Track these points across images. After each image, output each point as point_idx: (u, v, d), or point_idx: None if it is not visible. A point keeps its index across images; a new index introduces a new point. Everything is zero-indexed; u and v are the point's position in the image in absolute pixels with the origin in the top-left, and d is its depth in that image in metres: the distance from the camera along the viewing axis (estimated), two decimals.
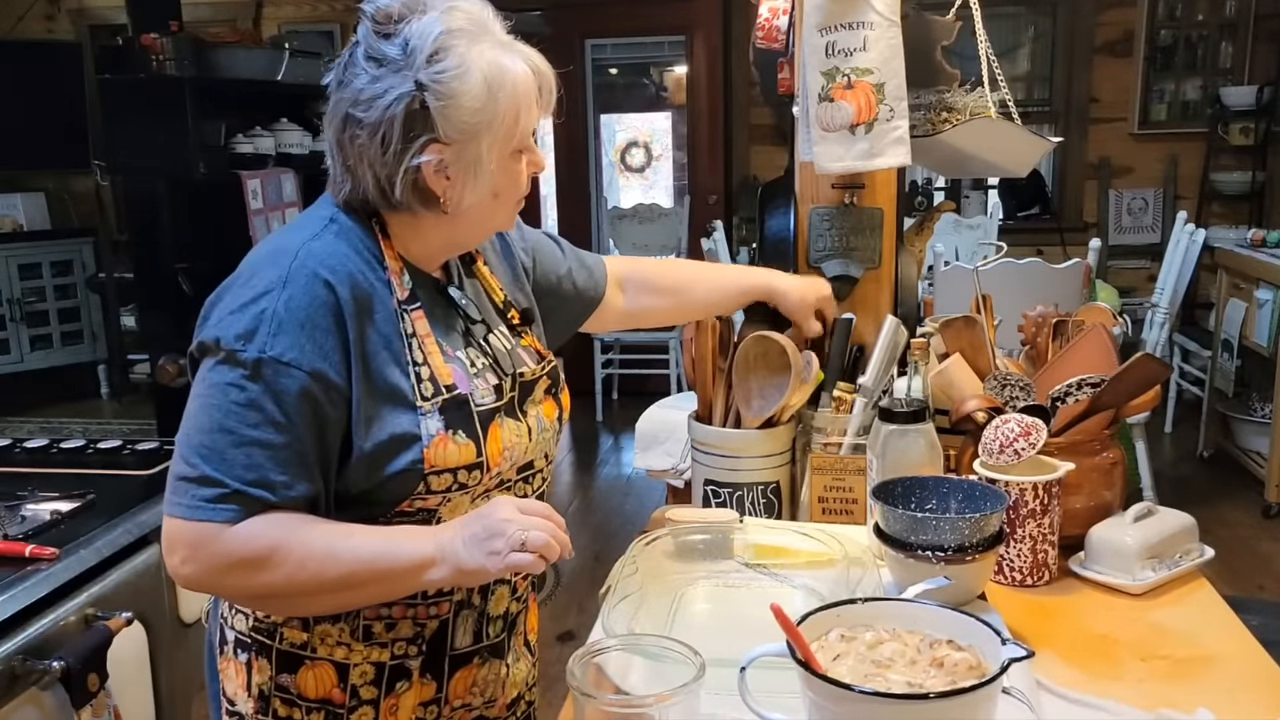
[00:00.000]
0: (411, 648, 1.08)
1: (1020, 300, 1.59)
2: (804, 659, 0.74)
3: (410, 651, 1.08)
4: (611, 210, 6.10)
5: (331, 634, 1.05)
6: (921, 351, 1.25)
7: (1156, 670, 1.00)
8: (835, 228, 1.51)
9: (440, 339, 1.07)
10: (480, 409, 1.05)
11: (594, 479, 4.73)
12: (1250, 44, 5.11)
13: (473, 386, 1.06)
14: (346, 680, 1.06)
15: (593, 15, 5.72)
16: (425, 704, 1.10)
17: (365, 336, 1.00)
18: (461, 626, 1.10)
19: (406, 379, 1.02)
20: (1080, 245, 4.42)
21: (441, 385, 1.03)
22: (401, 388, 1.01)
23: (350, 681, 1.06)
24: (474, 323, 1.13)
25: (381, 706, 1.07)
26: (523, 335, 1.19)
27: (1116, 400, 1.23)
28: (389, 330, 1.02)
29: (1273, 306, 3.75)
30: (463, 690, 1.13)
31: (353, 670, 1.06)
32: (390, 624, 1.06)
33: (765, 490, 1.35)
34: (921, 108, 1.47)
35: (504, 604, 1.15)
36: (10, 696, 1.26)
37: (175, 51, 3.09)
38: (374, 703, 1.07)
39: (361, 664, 1.06)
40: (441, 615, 1.08)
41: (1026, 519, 1.14)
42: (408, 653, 1.07)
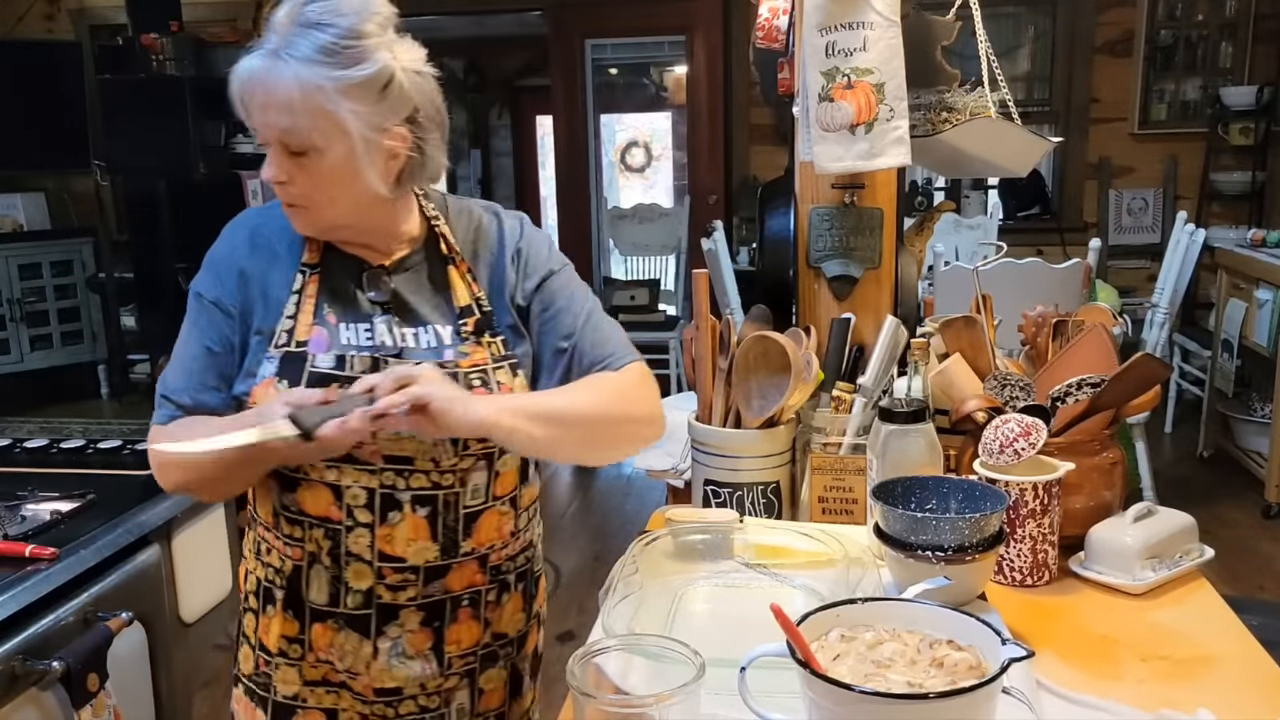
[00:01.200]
0: (277, 577, 1.21)
1: (1020, 300, 1.59)
2: (804, 659, 0.74)
3: (276, 580, 1.21)
4: (611, 210, 6.10)
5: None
6: (921, 351, 1.25)
7: (1156, 670, 1.00)
8: (835, 228, 1.51)
9: (327, 304, 1.18)
10: (315, 370, 1.15)
11: (594, 479, 4.73)
12: (1250, 44, 5.12)
13: (329, 350, 1.16)
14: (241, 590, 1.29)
15: (593, 15, 5.72)
16: (289, 639, 1.21)
17: (266, 280, 1.19)
18: (315, 581, 1.19)
19: (275, 324, 1.17)
20: (1080, 245, 4.42)
21: (295, 339, 1.16)
22: (268, 329, 1.17)
23: (246, 589, 1.27)
24: (379, 306, 1.20)
25: (259, 620, 1.24)
26: (467, 340, 1.19)
27: (1116, 400, 1.23)
28: (284, 281, 1.19)
29: (1273, 306, 3.75)
30: (323, 645, 1.20)
31: (244, 579, 1.27)
32: (267, 546, 1.22)
33: (765, 490, 1.35)
34: (921, 108, 1.47)
35: (365, 580, 1.18)
36: (10, 696, 1.27)
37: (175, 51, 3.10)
38: (255, 612, 1.25)
39: (249, 576, 1.26)
40: (295, 559, 1.19)
41: (1026, 519, 1.14)
42: (274, 581, 1.21)
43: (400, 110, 1.11)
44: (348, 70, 1.06)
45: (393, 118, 1.11)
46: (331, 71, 1.05)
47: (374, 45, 1.08)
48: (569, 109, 5.82)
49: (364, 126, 1.08)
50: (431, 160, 1.18)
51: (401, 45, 1.12)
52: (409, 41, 1.15)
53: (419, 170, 1.17)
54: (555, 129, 5.97)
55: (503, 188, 7.74)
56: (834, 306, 1.53)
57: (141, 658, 1.52)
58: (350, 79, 1.06)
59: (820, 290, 1.53)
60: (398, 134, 1.12)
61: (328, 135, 1.07)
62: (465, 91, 7.50)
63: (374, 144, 1.10)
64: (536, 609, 1.34)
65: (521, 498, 1.26)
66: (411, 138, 1.14)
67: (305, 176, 1.11)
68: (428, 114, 1.15)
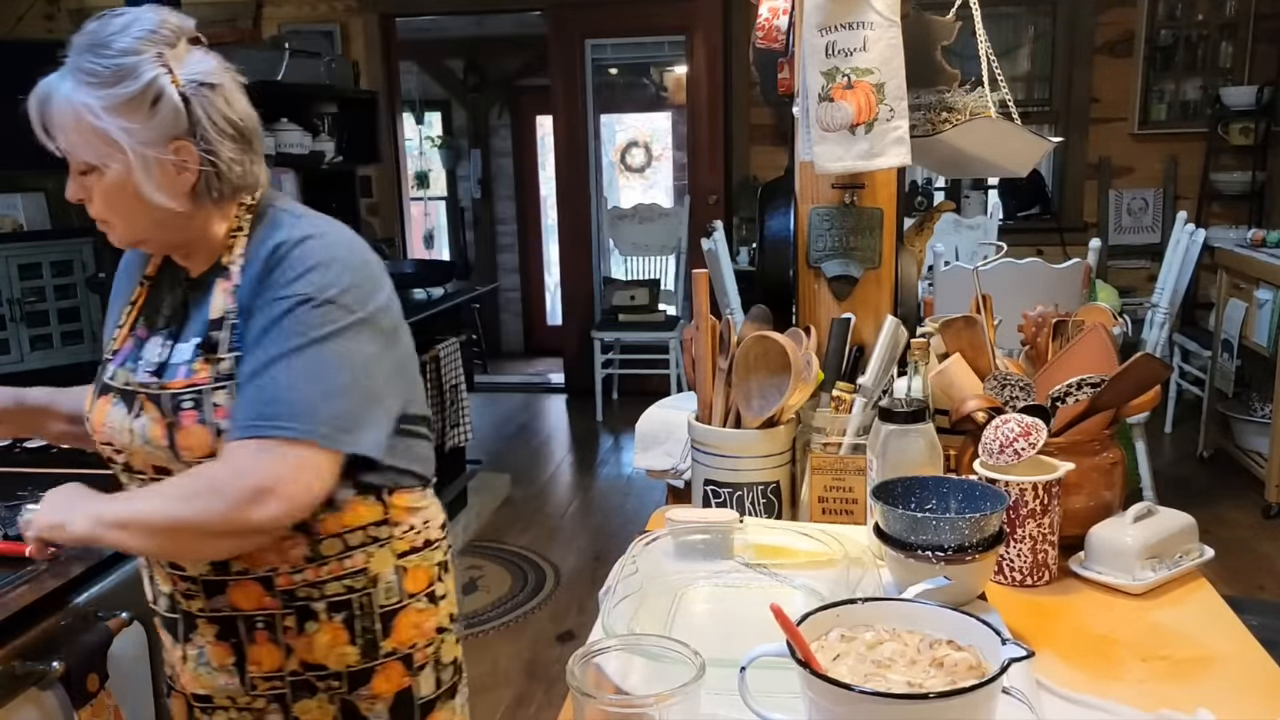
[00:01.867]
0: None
1: (1020, 300, 1.59)
2: (804, 659, 0.74)
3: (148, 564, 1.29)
4: (611, 210, 6.10)
5: None
6: (921, 351, 1.25)
7: (1156, 670, 1.00)
8: (835, 228, 1.51)
9: (144, 317, 1.26)
10: (103, 380, 1.24)
11: (594, 479, 4.74)
12: (1250, 44, 5.12)
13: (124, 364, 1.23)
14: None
15: (593, 15, 5.72)
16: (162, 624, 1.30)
17: (121, 297, 1.30)
18: (145, 580, 1.29)
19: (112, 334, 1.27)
20: (1080, 245, 4.42)
21: (111, 350, 1.26)
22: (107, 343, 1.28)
23: None
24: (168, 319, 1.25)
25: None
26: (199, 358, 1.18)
27: (1116, 400, 1.23)
28: (129, 293, 1.28)
29: (1273, 306, 3.75)
30: (166, 640, 1.29)
31: None
32: None
33: (765, 490, 1.35)
34: (921, 108, 1.47)
35: (167, 584, 1.25)
36: (10, 696, 1.27)
37: None
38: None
39: None
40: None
41: (1026, 519, 1.14)
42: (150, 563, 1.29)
43: (177, 124, 1.11)
44: (113, 89, 1.08)
45: (169, 131, 1.11)
46: (96, 91, 1.08)
47: (140, 62, 1.09)
48: (569, 109, 5.82)
49: (137, 143, 1.09)
50: (230, 173, 1.16)
51: (189, 59, 1.13)
52: (199, 54, 1.15)
53: (215, 182, 1.15)
54: (555, 129, 5.97)
55: (503, 188, 7.73)
56: (834, 306, 1.53)
57: (141, 658, 1.52)
58: (116, 97, 1.08)
59: (820, 290, 1.54)
60: (180, 147, 1.12)
61: (103, 154, 1.10)
62: (465, 91, 7.49)
63: (152, 160, 1.11)
64: (391, 648, 1.26)
65: (321, 523, 1.20)
66: (198, 151, 1.13)
67: (97, 194, 1.13)
68: (217, 126, 1.14)
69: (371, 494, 1.24)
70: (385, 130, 5.62)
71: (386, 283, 1.23)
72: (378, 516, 1.25)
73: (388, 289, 1.23)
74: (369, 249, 1.23)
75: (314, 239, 1.16)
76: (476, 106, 7.52)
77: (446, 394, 3.62)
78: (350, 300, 1.14)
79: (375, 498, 1.24)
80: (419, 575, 1.30)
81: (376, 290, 1.19)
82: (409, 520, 1.29)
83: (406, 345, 1.28)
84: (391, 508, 1.26)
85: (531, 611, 3.36)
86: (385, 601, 1.26)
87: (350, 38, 5.84)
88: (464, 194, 7.75)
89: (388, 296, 1.22)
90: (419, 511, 1.31)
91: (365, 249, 1.22)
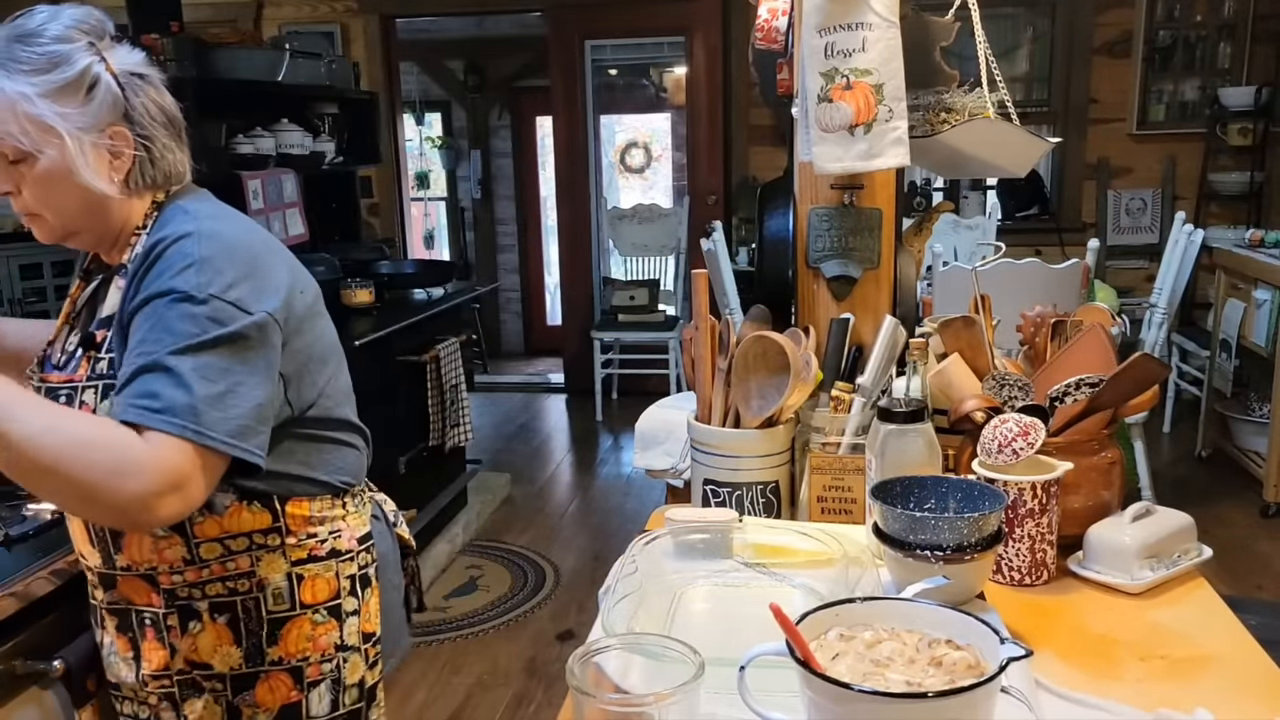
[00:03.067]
0: None
1: (1019, 300, 1.59)
2: (803, 658, 0.74)
3: None
4: (611, 210, 6.10)
5: None
6: (920, 351, 1.26)
7: (1155, 670, 1.00)
8: (834, 228, 1.51)
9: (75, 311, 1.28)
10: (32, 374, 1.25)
11: (594, 479, 4.74)
12: (1249, 45, 5.12)
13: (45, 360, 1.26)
14: None
15: (593, 16, 5.73)
16: None
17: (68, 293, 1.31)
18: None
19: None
20: (1079, 245, 4.43)
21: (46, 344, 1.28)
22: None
23: None
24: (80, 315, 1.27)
25: None
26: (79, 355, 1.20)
27: (1115, 400, 1.24)
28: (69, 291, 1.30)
29: (1271, 306, 3.76)
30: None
31: None
32: None
33: (764, 490, 1.35)
34: (920, 108, 1.47)
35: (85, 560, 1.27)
36: (10, 696, 1.27)
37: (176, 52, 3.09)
38: None
39: None
40: None
41: (1025, 518, 1.14)
42: None
43: (114, 110, 1.15)
44: (48, 75, 1.10)
45: (106, 117, 1.14)
46: (31, 78, 1.10)
47: (74, 50, 1.12)
48: (569, 110, 5.82)
49: (74, 128, 1.12)
50: (162, 160, 1.20)
51: (117, 51, 1.17)
52: (125, 47, 1.19)
53: (148, 168, 1.19)
54: (555, 129, 5.97)
55: (503, 188, 7.74)
56: (833, 306, 1.53)
57: None
58: (51, 83, 1.10)
59: (819, 290, 1.54)
60: (116, 133, 1.16)
61: (38, 140, 1.11)
62: (465, 92, 7.49)
63: (88, 145, 1.13)
64: (277, 656, 1.23)
65: (198, 526, 1.19)
66: (133, 137, 1.17)
67: (29, 184, 1.14)
68: (149, 113, 1.18)
69: (257, 500, 1.21)
70: (385, 131, 5.62)
71: (288, 281, 1.19)
72: (265, 524, 1.22)
73: (286, 287, 1.18)
74: (270, 247, 1.21)
75: (193, 236, 1.13)
76: (476, 107, 7.52)
77: (446, 394, 3.62)
78: (234, 299, 1.11)
79: (262, 504, 1.21)
80: (318, 585, 1.26)
81: (270, 289, 1.15)
82: (309, 529, 1.25)
83: (317, 346, 1.24)
84: (286, 516, 1.23)
85: (531, 611, 3.36)
86: (274, 608, 1.23)
87: (350, 38, 5.85)
88: (464, 194, 7.75)
89: (286, 295, 1.17)
90: (326, 521, 1.27)
91: (260, 247, 1.19)
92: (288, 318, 1.17)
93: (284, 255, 1.23)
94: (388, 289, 3.67)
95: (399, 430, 3.46)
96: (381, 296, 3.54)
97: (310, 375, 1.23)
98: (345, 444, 1.31)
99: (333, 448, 1.28)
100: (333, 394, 1.28)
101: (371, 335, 3.10)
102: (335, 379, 1.29)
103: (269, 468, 1.16)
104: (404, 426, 3.50)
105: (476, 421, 4.70)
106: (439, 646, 3.13)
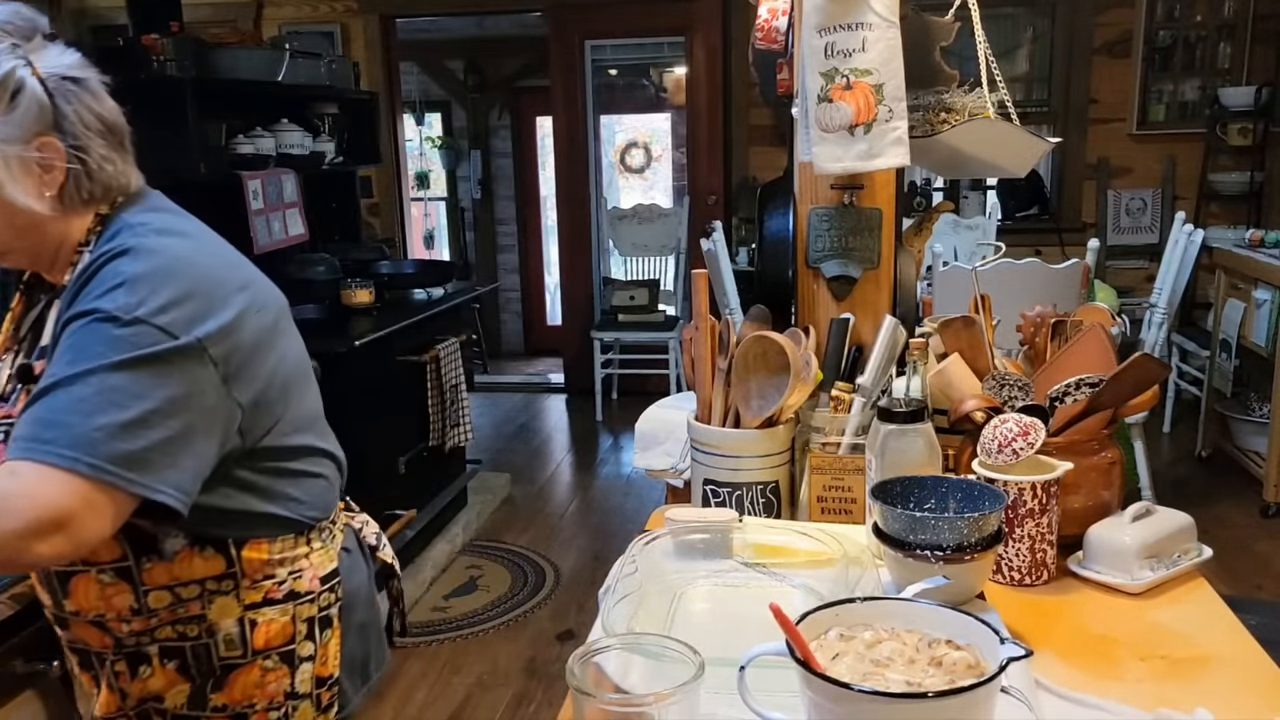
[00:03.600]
0: None
1: (1019, 300, 1.59)
2: (803, 658, 0.74)
3: None
4: (611, 211, 6.10)
5: None
6: (920, 351, 1.26)
7: (1155, 670, 1.00)
8: (834, 228, 1.51)
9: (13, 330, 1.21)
10: None
11: (594, 479, 4.74)
12: (1249, 45, 5.12)
13: None
14: None
15: (593, 16, 5.72)
16: None
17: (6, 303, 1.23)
18: None
19: None
20: (1079, 245, 4.43)
21: None
22: None
23: None
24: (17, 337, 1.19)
25: None
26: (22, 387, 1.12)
27: (1115, 400, 1.24)
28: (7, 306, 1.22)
29: (1271, 306, 3.76)
30: None
31: None
32: None
33: (764, 490, 1.35)
34: (920, 108, 1.47)
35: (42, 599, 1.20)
36: (10, 697, 1.27)
37: (176, 52, 3.09)
38: None
39: None
40: None
41: (1025, 518, 1.14)
42: None
43: (41, 119, 1.05)
44: None
45: (32, 127, 1.04)
46: None
47: None
48: (569, 110, 5.82)
49: None
50: (101, 172, 1.09)
51: (47, 53, 1.08)
52: (58, 48, 1.10)
53: (85, 182, 1.08)
54: (555, 130, 5.96)
55: (503, 188, 7.74)
56: (833, 306, 1.53)
57: None
58: None
59: (819, 290, 1.54)
60: (45, 144, 1.05)
61: None
62: (465, 92, 7.49)
63: (14, 158, 1.04)
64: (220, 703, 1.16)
65: (146, 573, 1.11)
66: (65, 147, 1.06)
67: None
68: (84, 121, 1.08)
69: (210, 545, 1.12)
70: (386, 131, 5.62)
71: (242, 302, 1.09)
72: (218, 570, 1.13)
73: (238, 309, 1.08)
74: (224, 263, 1.12)
75: (130, 253, 1.04)
76: (476, 107, 7.52)
77: (446, 394, 3.62)
78: (168, 322, 1.00)
79: (216, 549, 1.12)
80: (272, 629, 1.17)
81: (212, 312, 1.04)
82: (268, 571, 1.16)
83: (280, 370, 1.14)
84: (242, 560, 1.14)
85: (531, 611, 3.36)
86: (226, 654, 1.15)
87: (350, 38, 5.85)
88: (464, 194, 7.75)
89: (233, 319, 1.06)
90: (287, 563, 1.18)
91: (210, 263, 1.09)
92: (236, 344, 1.06)
93: (241, 272, 1.13)
94: (388, 289, 3.67)
95: (399, 430, 3.46)
96: (381, 296, 3.54)
97: (268, 403, 1.12)
98: (311, 474, 1.21)
99: (296, 480, 1.18)
100: (295, 420, 1.17)
101: (371, 335, 3.10)
102: (299, 403, 1.19)
103: (221, 506, 1.08)
104: (404, 426, 3.50)
105: (476, 421, 4.70)
106: (439, 646, 3.13)
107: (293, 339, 1.20)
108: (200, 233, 1.14)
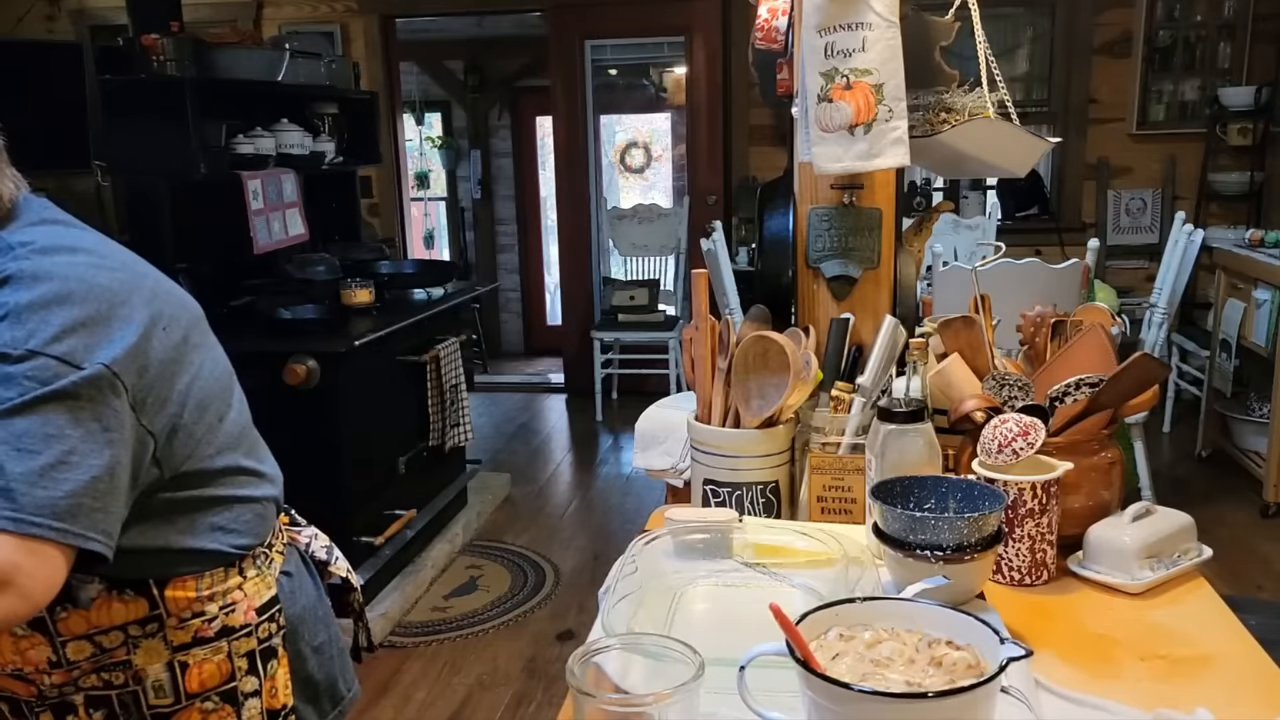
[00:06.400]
0: None
1: (1019, 300, 1.59)
2: (803, 658, 0.74)
3: None
4: (611, 211, 6.10)
5: None
6: (920, 351, 1.26)
7: (1155, 670, 1.00)
8: (834, 228, 1.51)
9: None
10: None
11: (594, 479, 4.74)
12: (1249, 44, 5.12)
13: None
14: None
15: (593, 16, 5.72)
16: None
17: None
18: None
19: None
20: (1079, 245, 4.43)
21: None
22: None
23: None
24: None
25: None
26: None
27: (1115, 400, 1.24)
28: None
29: (1271, 306, 3.76)
30: None
31: None
32: None
33: (764, 490, 1.35)
34: (920, 108, 1.47)
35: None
36: None
37: (176, 52, 3.09)
38: None
39: None
40: None
41: (1025, 518, 1.14)
42: None
43: None
44: None
45: None
46: None
47: None
48: (569, 110, 5.82)
49: None
50: None
51: None
52: None
53: None
54: (555, 129, 5.96)
55: (503, 188, 7.74)
56: (833, 306, 1.53)
57: None
58: None
59: (819, 290, 1.54)
60: None
61: None
62: (465, 92, 7.49)
63: None
64: None
65: (62, 623, 1.04)
66: None
67: None
68: None
69: (130, 588, 1.04)
70: (385, 131, 5.62)
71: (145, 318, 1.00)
72: (141, 613, 1.06)
73: (141, 326, 0.99)
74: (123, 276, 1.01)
75: (14, 280, 0.94)
76: (476, 107, 7.52)
77: (446, 394, 3.62)
78: (61, 352, 0.91)
79: (136, 591, 1.05)
80: (206, 671, 1.09)
81: (114, 334, 0.96)
82: (195, 608, 1.08)
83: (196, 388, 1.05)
84: (166, 601, 1.06)
85: (531, 611, 3.36)
86: (156, 702, 1.08)
87: (350, 38, 5.85)
88: (464, 194, 7.75)
89: (137, 340, 0.98)
90: (217, 598, 1.09)
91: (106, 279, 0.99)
92: (144, 366, 0.98)
93: (145, 284, 1.03)
94: (388, 289, 3.66)
95: (399, 430, 3.46)
96: (381, 296, 3.54)
97: (185, 426, 1.04)
98: (240, 499, 1.12)
99: (223, 507, 1.10)
100: (216, 440, 1.08)
101: (371, 335, 3.10)
102: (222, 421, 1.10)
103: (139, 545, 1.00)
104: (404, 426, 3.50)
105: (476, 421, 4.70)
106: (439, 646, 3.13)
107: (209, 351, 1.12)
108: (94, 245, 1.03)
